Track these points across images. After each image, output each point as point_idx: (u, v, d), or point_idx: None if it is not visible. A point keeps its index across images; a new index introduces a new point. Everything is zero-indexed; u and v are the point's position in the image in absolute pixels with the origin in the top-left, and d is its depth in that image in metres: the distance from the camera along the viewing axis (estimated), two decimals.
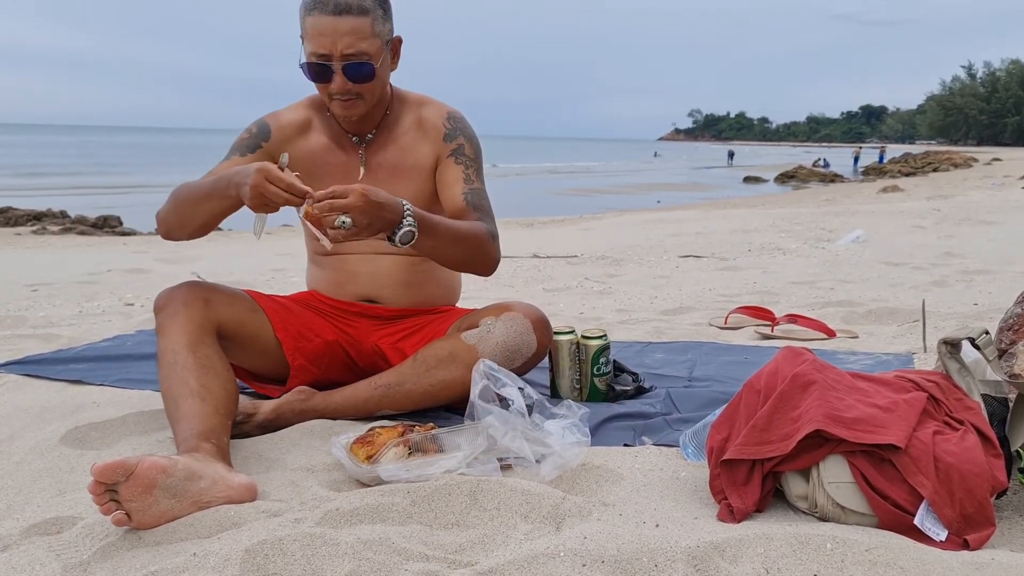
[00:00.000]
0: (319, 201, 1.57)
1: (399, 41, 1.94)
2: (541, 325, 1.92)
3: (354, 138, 2.01)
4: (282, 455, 1.68)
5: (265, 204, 1.60)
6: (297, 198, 1.58)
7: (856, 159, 39.03)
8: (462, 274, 2.18)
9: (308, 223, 1.62)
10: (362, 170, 1.99)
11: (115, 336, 2.98)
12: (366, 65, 1.82)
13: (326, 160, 1.99)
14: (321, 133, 2.01)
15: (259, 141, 1.97)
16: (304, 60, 1.84)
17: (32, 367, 2.47)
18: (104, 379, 2.33)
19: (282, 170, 1.62)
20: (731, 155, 48.38)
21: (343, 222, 1.56)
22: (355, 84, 1.84)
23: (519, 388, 1.63)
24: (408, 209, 1.65)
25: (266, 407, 1.85)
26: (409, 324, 2.07)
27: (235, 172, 1.67)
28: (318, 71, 1.83)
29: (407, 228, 1.64)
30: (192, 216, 1.81)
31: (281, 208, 1.63)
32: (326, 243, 1.63)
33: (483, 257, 1.88)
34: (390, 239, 1.65)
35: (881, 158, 38.77)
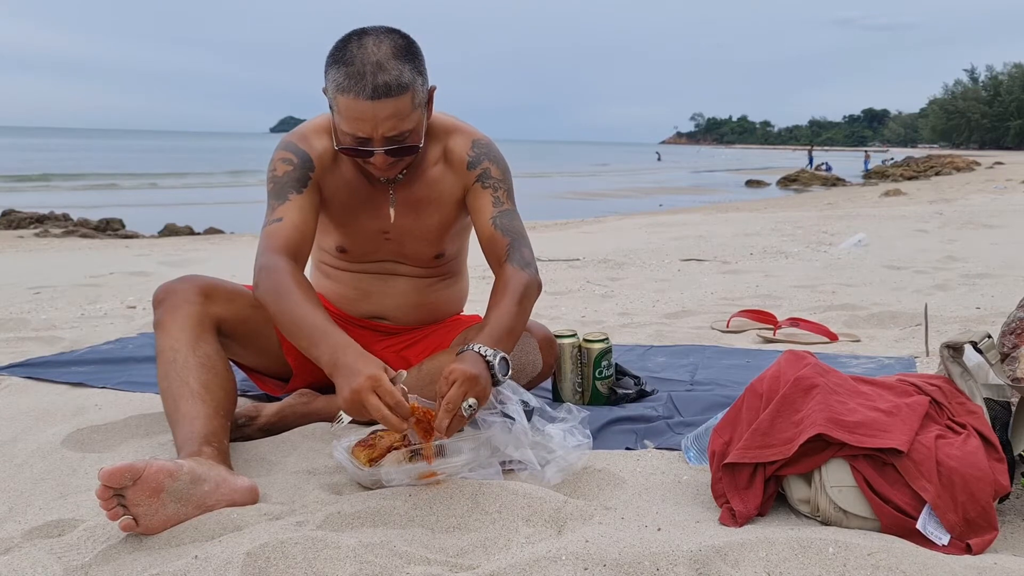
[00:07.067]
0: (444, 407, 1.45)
1: (433, 90, 1.78)
2: (547, 344, 1.92)
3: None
4: (283, 458, 1.68)
5: (360, 412, 1.41)
6: (398, 420, 1.40)
7: (889, 161, 35.72)
8: (468, 280, 2.17)
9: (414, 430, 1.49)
10: (392, 212, 1.88)
11: (117, 339, 2.99)
12: (410, 146, 1.71)
13: (357, 191, 1.87)
14: (348, 164, 1.86)
15: (307, 172, 1.82)
16: (339, 143, 1.71)
17: (34, 370, 2.48)
18: (106, 382, 2.34)
19: (394, 383, 1.42)
20: (811, 158, 40.65)
21: (470, 405, 1.46)
22: (398, 159, 1.73)
23: (520, 400, 1.61)
24: (479, 348, 1.55)
25: (268, 410, 1.85)
26: (414, 334, 2.06)
27: (338, 347, 1.48)
28: (358, 152, 1.70)
29: (500, 357, 1.56)
30: (282, 329, 1.62)
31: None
32: (441, 434, 1.47)
33: (534, 300, 1.79)
34: (499, 378, 1.56)
35: (866, 164, 35.46)
